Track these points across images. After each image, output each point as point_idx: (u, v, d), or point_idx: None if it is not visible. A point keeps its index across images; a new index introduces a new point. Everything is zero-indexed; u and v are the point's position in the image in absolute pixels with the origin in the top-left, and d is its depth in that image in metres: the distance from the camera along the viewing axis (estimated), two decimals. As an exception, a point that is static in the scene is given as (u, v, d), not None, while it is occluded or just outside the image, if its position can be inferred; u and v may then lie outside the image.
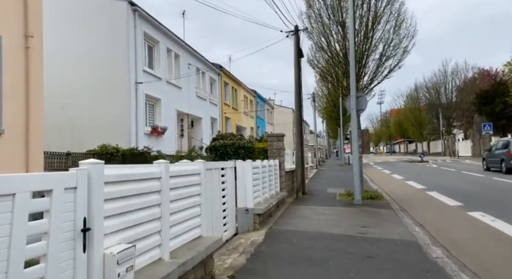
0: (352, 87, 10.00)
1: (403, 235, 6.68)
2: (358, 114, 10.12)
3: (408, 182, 15.32)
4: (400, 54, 11.68)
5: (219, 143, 11.69)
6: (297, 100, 11.63)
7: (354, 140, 10.01)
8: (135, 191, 3.02)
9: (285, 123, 44.98)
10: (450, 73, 55.66)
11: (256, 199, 7.63)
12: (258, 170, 8.09)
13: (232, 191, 6.99)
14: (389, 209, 9.38)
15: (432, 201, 10.52)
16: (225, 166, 6.68)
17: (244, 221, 7.07)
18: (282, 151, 11.00)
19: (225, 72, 28.54)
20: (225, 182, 6.61)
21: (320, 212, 8.91)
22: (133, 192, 2.98)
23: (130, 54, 15.60)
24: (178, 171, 3.82)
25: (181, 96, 20.44)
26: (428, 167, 25.51)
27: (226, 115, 28.82)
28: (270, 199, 8.69)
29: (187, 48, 21.42)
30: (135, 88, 15.69)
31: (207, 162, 5.43)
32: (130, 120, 15.32)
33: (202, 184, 4.52)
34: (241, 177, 7.14)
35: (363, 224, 7.56)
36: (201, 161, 4.54)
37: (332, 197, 11.56)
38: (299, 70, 12.05)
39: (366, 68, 11.54)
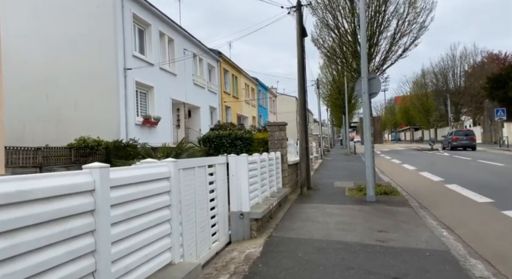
0: (363, 67, 8.71)
1: (431, 243, 5.49)
2: (370, 98, 8.84)
3: (422, 174, 14.09)
4: (416, 30, 10.34)
5: (213, 134, 10.49)
6: (301, 84, 10.36)
7: (366, 129, 8.77)
8: (43, 217, 1.83)
9: (289, 112, 43.63)
10: (458, 58, 53.98)
11: (253, 200, 6.45)
12: (256, 165, 6.88)
13: (224, 192, 5.80)
14: (407, 206, 8.18)
15: (454, 196, 9.30)
16: (214, 162, 5.48)
17: (238, 228, 5.90)
18: (284, 141, 9.78)
19: (225, 58, 27.17)
20: (214, 182, 5.43)
21: (328, 212, 7.72)
22: (34, 220, 1.79)
23: (118, 38, 14.32)
24: (128, 178, 2.61)
25: (176, 84, 19.19)
26: (440, 155, 24.21)
27: (227, 104, 27.56)
28: (271, 198, 7.50)
29: (182, 32, 20.07)
30: (123, 74, 14.45)
31: (184, 160, 4.24)
32: (119, 110, 14.13)
33: (174, 191, 3.32)
34: (234, 175, 5.95)
35: (380, 228, 6.38)
36: (171, 160, 3.33)
37: (340, 192, 10.36)
38: (302, 51, 10.74)
39: (378, 47, 10.22)
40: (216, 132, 10.68)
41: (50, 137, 13.53)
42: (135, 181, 2.70)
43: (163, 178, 3.18)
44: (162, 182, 3.16)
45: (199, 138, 11.00)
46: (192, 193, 4.54)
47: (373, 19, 10.15)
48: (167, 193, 3.24)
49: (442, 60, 55.99)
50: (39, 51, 14.69)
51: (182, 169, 4.20)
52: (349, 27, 10.50)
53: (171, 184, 3.28)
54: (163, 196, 3.17)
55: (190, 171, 4.51)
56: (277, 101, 48.97)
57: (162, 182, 3.17)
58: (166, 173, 3.23)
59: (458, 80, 54.88)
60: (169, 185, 3.26)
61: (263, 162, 7.50)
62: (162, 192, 3.14)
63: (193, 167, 4.59)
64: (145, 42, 16.79)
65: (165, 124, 17.43)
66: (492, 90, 34.22)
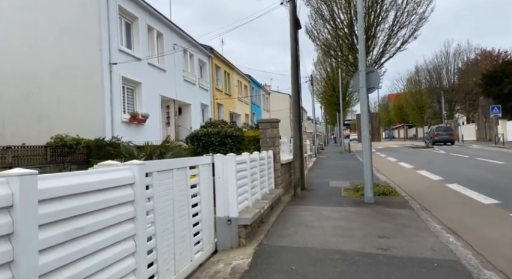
0: (361, 60, 8.16)
1: (438, 251, 4.96)
2: (368, 93, 8.30)
3: (420, 172, 13.61)
4: (415, 21, 9.81)
5: (201, 131, 9.89)
6: (294, 78, 9.79)
7: (364, 126, 8.22)
8: None
9: (282, 110, 43.03)
10: (452, 55, 53.76)
11: (242, 203, 5.87)
12: (245, 165, 6.31)
13: (209, 196, 5.22)
14: (408, 208, 7.67)
15: (457, 197, 8.80)
16: (197, 163, 4.89)
17: (225, 235, 5.32)
18: (277, 139, 9.21)
19: (216, 54, 26.51)
20: (197, 186, 4.85)
21: (324, 215, 7.17)
22: None
23: (103, 31, 13.62)
24: (67, 188, 2.01)
25: (166, 80, 18.52)
26: (436, 153, 23.81)
27: (219, 102, 26.92)
28: (262, 201, 6.93)
29: (172, 27, 19.38)
30: (109, 69, 13.76)
31: (159, 161, 3.66)
32: (104, 106, 13.45)
33: (139, 200, 2.73)
34: (221, 177, 5.37)
35: (380, 233, 5.84)
36: (135, 163, 2.73)
37: (336, 193, 9.83)
38: (296, 43, 10.17)
39: (376, 39, 9.68)
40: (205, 129, 10.08)
41: (32, 135, 12.84)
42: (80, 191, 2.10)
43: (124, 185, 2.59)
44: (123, 190, 2.56)
45: (187, 136, 10.41)
46: (170, 199, 3.96)
47: (371, 10, 9.60)
48: (130, 203, 2.65)
49: (436, 57, 55.82)
50: (19, 45, 13.95)
51: (157, 172, 3.62)
52: (345, 18, 9.96)
53: (136, 192, 2.68)
54: (125, 207, 2.58)
55: (168, 174, 3.92)
56: (270, 98, 48.42)
57: (123, 190, 2.57)
58: (128, 179, 2.63)
59: (452, 77, 54.70)
60: (133, 194, 2.67)
61: (253, 162, 6.93)
62: (123, 202, 2.54)
63: (171, 170, 4.01)
64: (133, 36, 16.10)
65: (154, 122, 16.77)
66: (487, 86, 33.94)
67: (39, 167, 8.57)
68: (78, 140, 9.93)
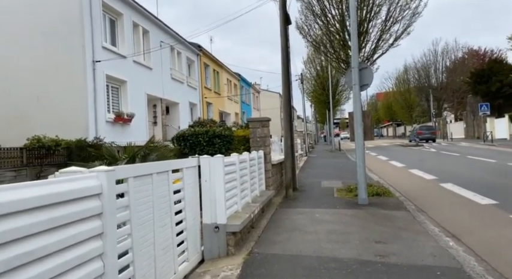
0: (353, 56, 7.85)
1: (439, 257, 4.66)
2: (361, 90, 7.99)
3: (412, 171, 13.40)
4: (409, 16, 9.55)
5: (188, 131, 9.47)
6: (285, 75, 9.44)
7: (357, 124, 7.91)
8: None
9: (272, 108, 42.74)
10: (440, 54, 54.14)
11: (231, 208, 5.50)
12: (234, 167, 5.94)
13: (194, 201, 4.84)
14: (403, 210, 7.39)
15: (452, 197, 8.56)
16: (181, 165, 4.50)
17: (213, 243, 4.94)
18: (268, 139, 8.85)
19: (205, 52, 26.03)
20: (181, 191, 4.46)
21: (318, 218, 6.84)
22: None
23: (85, 27, 13.08)
24: (12, 202, 1.61)
25: (152, 78, 18.01)
26: (427, 151, 23.75)
27: (208, 100, 26.46)
28: (252, 205, 6.56)
29: (159, 24, 18.87)
30: (92, 67, 13.23)
31: (136, 165, 3.27)
32: (87, 106, 12.92)
33: (108, 212, 2.33)
34: (208, 180, 4.99)
35: (377, 238, 5.53)
36: (102, 169, 2.34)
37: (329, 193, 9.52)
38: (286, 39, 9.82)
39: (368, 35, 9.39)
40: (192, 129, 9.66)
41: (11, 137, 12.21)
42: (30, 206, 1.71)
43: (89, 196, 2.19)
44: (87, 202, 2.17)
45: (173, 136, 9.99)
46: (150, 207, 3.57)
47: (363, 4, 9.30)
48: (97, 216, 2.25)
49: (424, 56, 56.16)
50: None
51: (133, 177, 3.23)
52: (336, 13, 9.64)
53: (104, 203, 2.29)
54: (90, 222, 2.18)
55: (146, 179, 3.53)
56: (260, 97, 48.07)
57: (88, 201, 2.18)
58: (94, 189, 2.24)
59: (440, 76, 55.12)
60: (101, 205, 2.27)
61: (243, 163, 6.56)
62: (87, 217, 2.15)
63: (151, 174, 3.62)
64: (117, 33, 15.56)
65: (140, 121, 16.27)
66: (475, 84, 34.12)
67: (13, 170, 8.06)
68: (58, 141, 9.42)
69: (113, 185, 2.39)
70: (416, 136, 36.08)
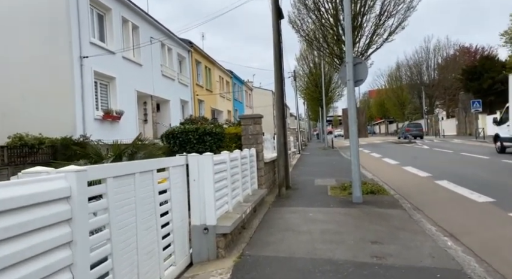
0: (348, 50, 7.65)
1: (438, 258, 4.48)
2: (356, 86, 7.79)
3: (406, 168, 13.28)
4: (403, 10, 9.37)
5: (178, 129, 9.20)
6: (277, 72, 9.21)
7: (351, 121, 7.72)
8: None
9: (265, 106, 42.48)
10: (432, 51, 54.32)
11: (221, 208, 5.26)
12: (225, 166, 5.70)
13: (182, 202, 4.60)
14: (399, 208, 7.21)
15: (448, 195, 8.42)
16: (167, 164, 4.25)
17: (202, 246, 4.70)
18: (260, 136, 8.62)
19: (196, 48, 25.68)
20: (167, 191, 4.21)
21: (311, 217, 6.63)
22: None
23: (72, 22, 12.70)
24: None
25: (142, 75, 17.65)
26: (420, 148, 23.71)
27: (199, 98, 26.13)
28: (244, 204, 6.33)
29: (149, 19, 18.49)
30: (79, 63, 12.87)
31: (116, 164, 3.02)
32: (75, 103, 12.56)
33: (78, 218, 2.08)
34: (196, 180, 4.74)
35: (373, 238, 5.34)
36: (72, 170, 2.08)
37: (323, 191, 9.32)
38: (279, 34, 9.58)
39: (362, 30, 9.18)
40: (182, 126, 9.39)
41: (-5, 134, 11.85)
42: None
43: (56, 200, 1.94)
44: (53, 206, 1.91)
45: (162, 134, 9.71)
46: (132, 209, 3.32)
47: (357, -2, 9.13)
48: (65, 222, 2.00)
49: (416, 53, 56.33)
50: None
51: (113, 177, 2.98)
52: (330, 7, 9.42)
53: (74, 208, 2.03)
54: (57, 229, 1.93)
55: (128, 179, 3.28)
56: (253, 95, 47.78)
57: (54, 206, 1.92)
58: (62, 191, 1.98)
59: (432, 73, 55.33)
60: (70, 210, 2.02)
61: (234, 161, 6.32)
62: (53, 223, 1.90)
63: (133, 174, 3.36)
64: (106, 29, 15.18)
65: (130, 119, 15.93)
66: (467, 81, 34.22)
67: (-6, 170, 7.76)
68: (41, 139, 9.06)
69: (84, 187, 2.13)
70: (404, 133, 38.94)
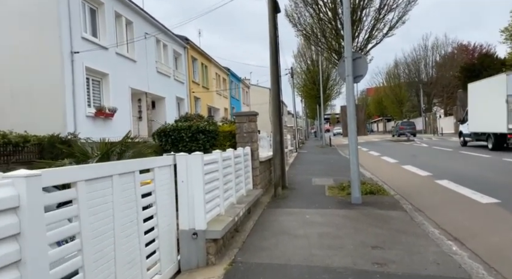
0: (347, 45, 7.32)
1: (443, 265, 4.18)
2: (355, 81, 7.48)
3: (405, 167, 12.99)
4: (404, 4, 9.05)
5: (170, 126, 8.86)
6: (273, 67, 8.88)
7: (350, 119, 7.40)
8: None
9: (262, 104, 42.02)
10: (430, 48, 54.07)
11: (212, 211, 4.93)
12: (217, 166, 5.37)
13: (169, 205, 4.27)
14: (399, 210, 6.91)
15: (450, 195, 8.13)
16: (152, 165, 3.91)
17: (191, 252, 4.38)
18: (255, 134, 8.29)
19: (192, 45, 25.28)
20: (152, 193, 3.88)
21: (308, 220, 6.32)
22: None
23: (62, 16, 12.31)
24: None
25: (136, 71, 17.27)
26: (418, 147, 23.46)
27: (196, 95, 25.76)
28: (237, 206, 6.01)
29: (143, 15, 18.09)
30: (70, 59, 12.48)
31: (79, 167, 2.69)
32: (65, 100, 12.19)
33: (28, 231, 1.75)
34: (185, 181, 4.41)
35: (374, 242, 5.04)
36: (21, 175, 1.74)
37: (320, 192, 9.01)
38: (275, 29, 9.23)
39: (362, 24, 8.86)
40: (175, 124, 9.05)
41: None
42: None
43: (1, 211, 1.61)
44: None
45: (153, 132, 9.37)
46: (109, 216, 2.99)
47: (356, -9, 8.80)
48: (12, 238, 1.66)
49: (414, 50, 56.16)
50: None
51: (85, 181, 2.65)
52: (328, 1, 9.06)
53: (23, 220, 1.70)
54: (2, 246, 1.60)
55: (104, 182, 2.94)
56: (250, 92, 47.39)
57: (-3, 219, 1.59)
58: (7, 201, 1.65)
59: (430, 71, 55.11)
60: (18, 223, 1.68)
61: (227, 161, 5.99)
62: (-6, 240, 1.56)
63: (110, 176, 3.03)
64: (98, 24, 14.78)
65: (124, 116, 15.55)
66: (466, 79, 33.94)
67: (-26, 169, 7.38)
68: (26, 137, 8.69)
69: (37, 195, 1.80)
70: (398, 130, 41.62)
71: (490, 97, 16.86)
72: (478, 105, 18.63)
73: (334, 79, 35.60)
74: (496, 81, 16.66)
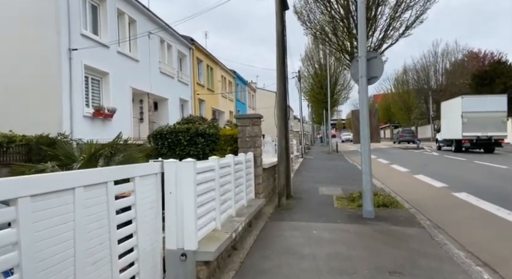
0: (361, 43, 6.68)
1: (477, 299, 3.49)
2: (369, 84, 6.83)
3: (418, 177, 12.26)
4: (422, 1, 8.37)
5: (167, 128, 8.26)
6: (280, 66, 8.25)
7: (363, 124, 6.74)
8: None
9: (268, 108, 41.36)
10: (440, 55, 53.14)
11: (205, 227, 4.29)
12: (213, 174, 4.73)
13: (153, 220, 3.63)
14: (417, 226, 6.21)
15: (471, 210, 7.41)
16: (131, 174, 3.28)
17: (178, 276, 3.73)
18: (259, 139, 7.65)
19: (198, 46, 24.77)
20: (132, 207, 3.26)
21: (315, 236, 5.64)
22: None
23: (61, 11, 11.82)
24: None
25: (139, 71, 16.74)
26: (429, 155, 22.65)
27: (200, 97, 25.21)
28: (237, 219, 5.36)
29: (147, 13, 17.59)
30: (68, 56, 11.97)
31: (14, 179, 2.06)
32: (62, 98, 11.66)
33: None
34: (173, 192, 3.78)
35: (391, 266, 4.36)
36: None
37: (328, 202, 8.33)
38: (283, 26, 8.62)
39: (377, 21, 8.20)
40: (172, 126, 8.44)
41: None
42: None
43: None
44: None
45: (149, 134, 8.78)
46: (68, 239, 2.37)
47: (371, -13, 8.15)
48: None
49: (424, 57, 55.16)
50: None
51: (30, 196, 2.03)
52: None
53: None
54: None
55: (61, 197, 2.32)
56: (256, 96, 46.79)
57: None
58: None
59: (440, 77, 54.16)
60: None
61: (225, 168, 5.35)
62: None
63: (72, 189, 2.40)
64: (100, 21, 14.28)
65: (124, 117, 15.01)
66: (478, 86, 33.10)
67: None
68: (11, 137, 8.13)
69: None
70: (399, 138, 45.60)
71: (453, 114, 23.45)
72: (447, 119, 25.27)
73: (342, 84, 34.93)
74: (456, 102, 23.55)
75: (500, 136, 21.97)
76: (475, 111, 21.66)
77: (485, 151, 22.95)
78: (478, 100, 22.35)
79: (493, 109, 21.60)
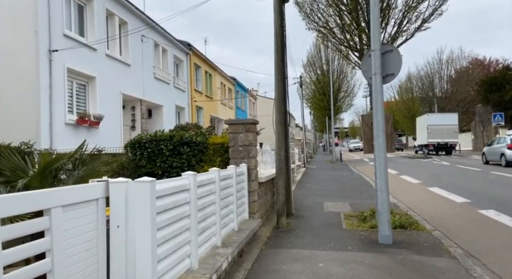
0: (374, 34, 5.61)
1: None
2: (384, 82, 5.72)
3: (433, 190, 11.06)
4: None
5: (146, 136, 7.17)
6: (279, 64, 7.17)
7: (378, 131, 5.61)
8: None
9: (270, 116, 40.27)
10: (445, 62, 52.11)
11: (170, 272, 3.15)
12: (187, 196, 3.59)
13: (89, 266, 2.50)
14: (446, 255, 5.03)
15: (505, 232, 6.23)
16: (44, 204, 2.15)
17: None
18: (253, 148, 6.52)
19: (196, 52, 23.81)
20: (46, 255, 2.13)
21: (322, 271, 4.47)
22: None
23: (40, 8, 10.83)
24: None
25: (130, 76, 15.72)
26: (439, 164, 21.41)
27: (198, 104, 24.16)
28: (221, 252, 4.21)
29: (140, 15, 16.64)
30: (47, 58, 10.94)
31: None
32: (40, 105, 10.61)
33: None
34: (123, 226, 2.66)
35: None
36: None
37: (335, 222, 7.17)
38: (281, 19, 7.56)
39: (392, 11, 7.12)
40: (152, 133, 7.34)
41: None
42: None
43: None
44: None
45: (126, 143, 7.69)
46: None
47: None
48: None
49: (428, 64, 54.17)
50: None
51: None
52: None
53: None
54: None
55: None
56: (257, 103, 45.74)
57: None
58: None
59: (445, 85, 53.11)
60: None
61: (207, 186, 4.22)
62: None
63: None
64: (86, 22, 13.30)
65: (112, 125, 13.94)
66: (486, 93, 31.94)
67: None
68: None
69: None
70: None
71: (422, 126, 32.35)
72: (419, 130, 34.79)
73: (345, 91, 33.88)
74: (424, 118, 33.01)
75: (454, 141, 30.90)
76: (436, 124, 30.15)
77: (446, 154, 31.20)
78: (438, 117, 31.97)
79: (449, 123, 30.13)
